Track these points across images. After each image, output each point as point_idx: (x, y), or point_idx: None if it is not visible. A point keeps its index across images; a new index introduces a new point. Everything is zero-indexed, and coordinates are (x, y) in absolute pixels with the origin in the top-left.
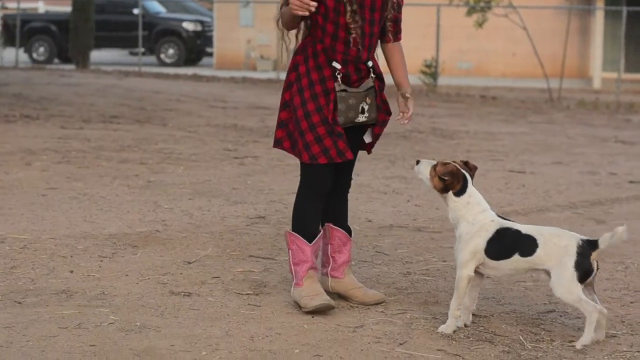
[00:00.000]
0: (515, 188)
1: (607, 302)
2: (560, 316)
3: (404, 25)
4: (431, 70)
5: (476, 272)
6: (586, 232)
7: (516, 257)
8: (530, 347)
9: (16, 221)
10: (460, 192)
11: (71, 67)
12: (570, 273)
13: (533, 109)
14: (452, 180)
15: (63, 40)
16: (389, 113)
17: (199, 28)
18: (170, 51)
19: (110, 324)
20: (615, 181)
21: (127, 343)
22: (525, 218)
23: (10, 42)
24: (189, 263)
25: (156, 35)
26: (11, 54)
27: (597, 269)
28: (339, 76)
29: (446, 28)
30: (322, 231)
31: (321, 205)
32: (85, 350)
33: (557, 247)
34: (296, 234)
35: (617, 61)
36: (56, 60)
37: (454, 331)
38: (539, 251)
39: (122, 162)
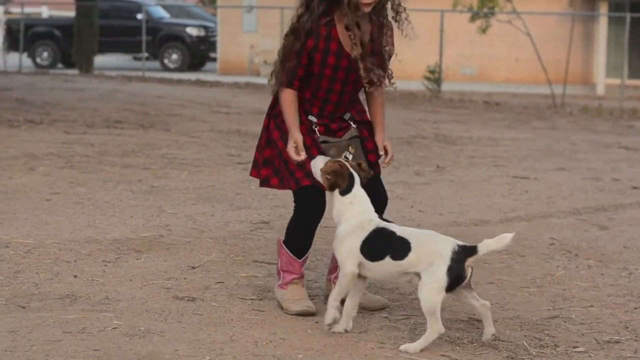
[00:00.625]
0: (519, 194)
1: (611, 308)
2: (564, 322)
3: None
4: (435, 76)
5: (358, 276)
6: (590, 238)
7: (388, 259)
8: (534, 352)
9: (20, 226)
10: (345, 191)
11: (75, 72)
12: (441, 280)
13: (536, 114)
14: (336, 179)
15: (67, 45)
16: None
17: (202, 33)
18: (174, 56)
19: (114, 328)
20: (618, 187)
21: (131, 348)
22: (528, 224)
23: (14, 46)
24: (193, 268)
25: (160, 40)
26: (15, 59)
27: (471, 275)
28: (316, 129)
29: (450, 34)
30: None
31: (315, 227)
32: (89, 355)
33: (430, 251)
34: (287, 248)
35: (620, 67)
36: (60, 65)
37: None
38: (411, 255)
39: (125, 167)
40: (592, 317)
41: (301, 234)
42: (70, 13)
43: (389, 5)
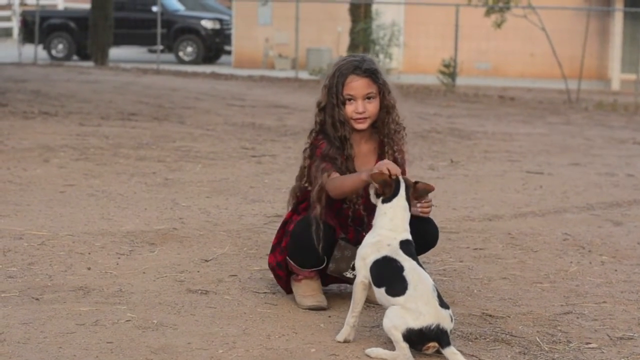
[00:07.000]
0: (533, 189)
1: (624, 304)
2: (577, 317)
3: (423, 26)
4: (449, 70)
5: None
6: (603, 234)
7: (383, 290)
8: (546, 348)
9: (34, 218)
10: (385, 200)
11: (90, 64)
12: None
13: (551, 109)
14: (383, 189)
15: (82, 37)
16: None
17: (217, 26)
18: (189, 49)
19: (127, 321)
20: (633, 183)
21: (144, 340)
22: (542, 219)
23: (29, 38)
24: (206, 261)
25: (175, 33)
26: (30, 51)
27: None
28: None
29: (465, 28)
30: None
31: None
32: (102, 347)
33: (416, 307)
34: (291, 261)
35: (636, 63)
36: (75, 57)
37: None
38: (401, 297)
39: (140, 160)
40: (605, 313)
41: (301, 254)
42: (86, 5)
43: (390, 121)
